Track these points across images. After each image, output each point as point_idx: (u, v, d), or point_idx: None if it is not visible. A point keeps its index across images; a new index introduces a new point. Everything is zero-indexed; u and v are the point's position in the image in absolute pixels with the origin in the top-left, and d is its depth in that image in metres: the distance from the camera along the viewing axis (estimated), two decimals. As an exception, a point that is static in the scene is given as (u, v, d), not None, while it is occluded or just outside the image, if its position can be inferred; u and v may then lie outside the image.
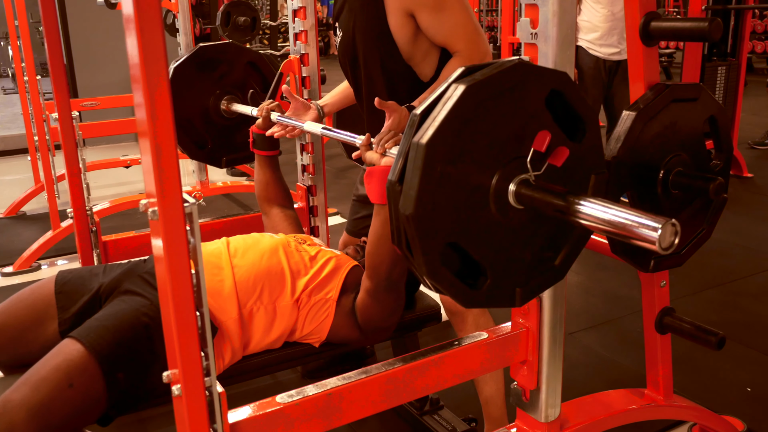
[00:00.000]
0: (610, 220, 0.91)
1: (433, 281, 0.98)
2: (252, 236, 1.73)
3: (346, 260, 1.71)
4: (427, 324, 1.93)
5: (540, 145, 0.99)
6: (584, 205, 0.94)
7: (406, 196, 0.93)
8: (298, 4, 2.18)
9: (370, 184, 1.39)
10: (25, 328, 1.54)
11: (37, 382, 1.31)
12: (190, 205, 0.94)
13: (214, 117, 2.29)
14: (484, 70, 0.96)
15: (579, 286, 3.05)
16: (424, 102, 0.97)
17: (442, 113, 0.92)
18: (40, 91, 3.77)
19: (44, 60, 2.30)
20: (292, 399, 1.17)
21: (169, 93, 0.88)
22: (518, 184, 1.00)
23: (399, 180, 0.95)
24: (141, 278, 1.58)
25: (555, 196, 0.97)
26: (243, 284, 1.56)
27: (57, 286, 1.60)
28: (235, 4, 4.31)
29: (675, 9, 10.37)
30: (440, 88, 0.96)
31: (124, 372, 1.40)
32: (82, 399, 1.34)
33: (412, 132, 0.94)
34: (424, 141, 0.92)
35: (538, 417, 1.41)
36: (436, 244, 0.96)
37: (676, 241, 0.86)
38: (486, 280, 1.03)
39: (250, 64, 2.33)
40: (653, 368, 1.69)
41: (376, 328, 1.63)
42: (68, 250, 3.47)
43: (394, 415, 2.06)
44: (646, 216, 0.87)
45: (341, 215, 3.96)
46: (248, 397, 1.18)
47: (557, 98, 1.02)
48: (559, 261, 1.11)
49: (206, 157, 2.36)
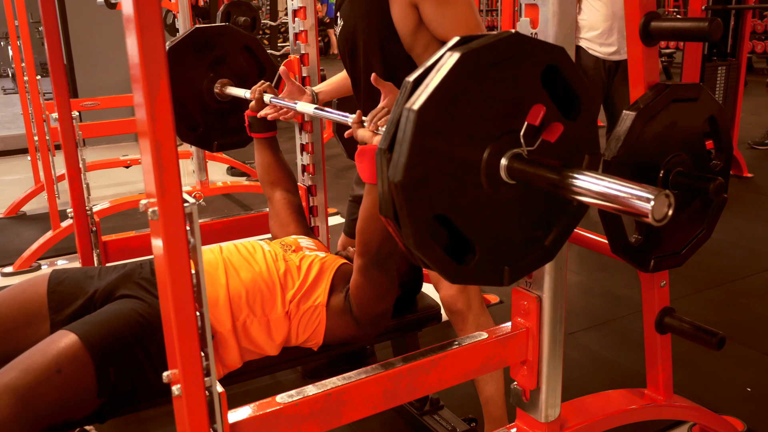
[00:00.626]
0: (603, 192, 0.88)
1: (420, 253, 0.95)
2: (245, 247, 1.72)
3: (332, 261, 1.71)
4: (427, 324, 1.93)
5: (534, 119, 0.97)
6: (578, 177, 0.91)
7: (395, 163, 0.90)
8: (298, 4, 2.18)
9: (362, 162, 1.37)
10: (15, 326, 1.53)
11: (26, 367, 1.31)
12: (190, 205, 0.94)
13: (207, 100, 2.26)
14: (480, 40, 0.93)
15: (579, 286, 3.05)
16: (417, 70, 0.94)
17: (435, 80, 0.90)
18: (40, 91, 3.77)
19: (44, 60, 2.30)
20: (292, 399, 1.17)
21: (170, 93, 0.88)
22: (510, 158, 0.97)
23: (389, 147, 0.92)
24: (137, 284, 1.58)
25: (548, 169, 0.95)
26: (236, 298, 1.56)
27: (50, 285, 1.58)
28: (235, 4, 4.32)
29: (675, 9, 10.37)
30: (434, 56, 0.94)
31: (116, 367, 1.41)
32: (69, 386, 1.34)
33: (405, 99, 0.92)
34: (416, 107, 0.89)
35: (538, 417, 1.41)
36: (424, 214, 0.93)
37: (670, 213, 0.84)
38: (474, 256, 1.00)
39: (246, 49, 2.30)
40: (653, 368, 1.69)
41: (372, 316, 1.62)
42: (68, 250, 3.47)
43: (394, 415, 2.06)
44: (639, 187, 0.85)
45: (341, 215, 3.96)
46: (248, 397, 1.18)
47: (553, 74, 1.00)
48: (549, 241, 1.08)
49: (197, 140, 2.32)
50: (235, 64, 2.29)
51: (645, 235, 1.43)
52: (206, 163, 4.03)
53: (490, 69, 0.94)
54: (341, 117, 1.57)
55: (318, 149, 2.32)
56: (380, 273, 1.56)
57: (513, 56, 0.95)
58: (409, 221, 0.92)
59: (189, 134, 2.29)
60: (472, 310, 1.81)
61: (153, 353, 1.46)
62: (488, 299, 2.71)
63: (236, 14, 4.37)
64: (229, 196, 4.62)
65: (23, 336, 1.52)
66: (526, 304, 1.37)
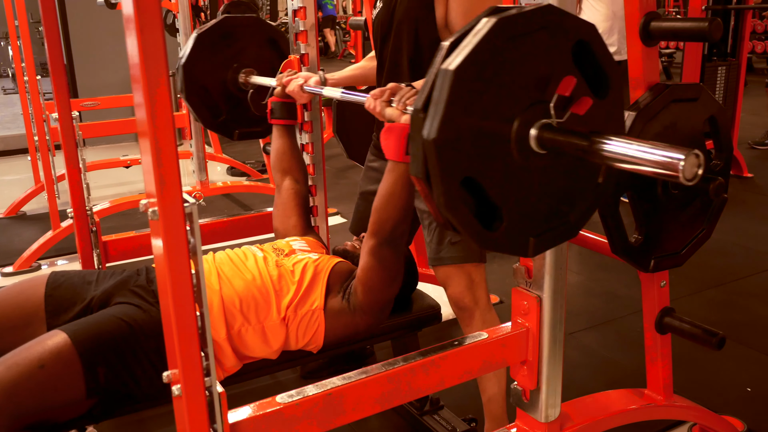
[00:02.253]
0: (633, 155, 0.91)
1: (450, 213, 0.97)
2: (237, 254, 1.72)
3: (326, 262, 1.71)
4: (427, 324, 1.93)
5: (565, 90, 0.99)
6: (607, 143, 0.94)
7: (431, 120, 0.93)
8: (298, 4, 2.18)
9: (388, 140, 1.39)
10: (11, 326, 1.54)
11: (10, 363, 1.34)
12: (190, 205, 0.94)
13: (231, 88, 2.33)
14: (514, 9, 0.97)
15: (579, 286, 3.05)
16: (453, 35, 0.97)
17: (472, 42, 0.93)
18: (40, 91, 3.77)
19: (44, 60, 2.30)
20: (292, 399, 1.17)
21: (170, 93, 0.88)
22: (540, 127, 1.00)
23: (424, 108, 0.95)
24: (132, 292, 1.58)
25: (577, 136, 0.97)
26: (230, 306, 1.56)
27: (48, 288, 1.59)
28: (235, 4, 4.31)
29: (675, 9, 10.37)
30: (470, 23, 0.97)
31: (106, 368, 1.41)
32: (53, 383, 1.35)
33: (441, 60, 0.95)
34: (452, 67, 0.92)
35: (538, 417, 1.41)
36: (455, 174, 0.96)
37: (700, 172, 0.87)
38: (501, 224, 1.02)
39: (270, 41, 2.38)
40: (653, 368, 1.69)
41: (381, 303, 1.62)
42: (68, 250, 3.47)
43: (394, 415, 2.06)
44: (669, 148, 0.88)
45: (341, 215, 3.96)
46: (248, 397, 1.18)
47: (584, 51, 1.03)
48: (574, 217, 1.10)
49: (220, 127, 2.39)
50: (260, 55, 2.35)
51: (645, 235, 1.43)
52: (206, 163, 4.03)
53: (524, 37, 0.96)
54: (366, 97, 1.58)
55: (318, 149, 2.32)
56: (393, 253, 1.56)
57: (547, 26, 0.97)
58: (440, 180, 0.94)
59: (213, 121, 2.35)
60: (479, 306, 1.82)
61: (145, 358, 1.47)
62: (488, 299, 2.71)
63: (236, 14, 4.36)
64: (229, 196, 4.61)
65: (19, 337, 1.53)
66: (526, 304, 1.37)
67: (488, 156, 0.99)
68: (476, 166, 0.98)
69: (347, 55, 12.55)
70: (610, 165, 0.99)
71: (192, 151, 3.96)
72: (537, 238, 1.07)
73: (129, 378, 1.45)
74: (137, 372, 1.46)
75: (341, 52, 13.10)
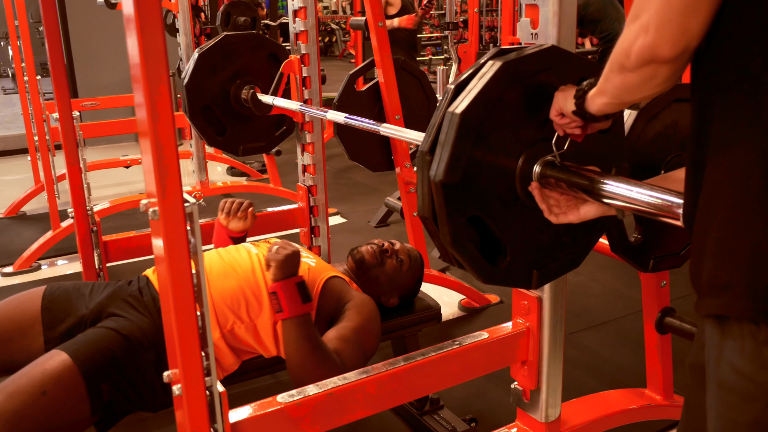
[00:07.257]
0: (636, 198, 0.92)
1: (456, 251, 1.00)
2: (230, 253, 1.71)
3: (321, 271, 1.70)
4: (427, 324, 1.93)
5: None
6: (609, 183, 0.95)
7: (437, 162, 0.95)
8: (299, 4, 2.18)
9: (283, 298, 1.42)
10: (8, 338, 1.55)
11: (12, 391, 1.33)
12: (191, 205, 0.94)
13: (233, 105, 2.36)
14: (519, 51, 0.99)
15: (579, 286, 3.05)
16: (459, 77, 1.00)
17: (478, 86, 0.95)
18: (40, 91, 3.77)
19: (44, 60, 2.30)
20: (292, 399, 1.17)
21: (170, 93, 0.88)
22: (543, 165, 1.02)
23: (430, 150, 0.97)
24: (125, 301, 1.59)
25: (579, 175, 0.99)
26: (220, 306, 1.57)
27: (44, 301, 1.60)
28: (235, 4, 4.31)
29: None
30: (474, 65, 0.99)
31: (109, 385, 1.41)
32: (56, 407, 1.34)
33: (447, 103, 0.97)
34: (458, 111, 0.94)
35: (538, 417, 1.41)
36: (461, 214, 0.98)
37: None
38: (505, 258, 1.04)
39: (271, 56, 2.41)
40: (653, 368, 1.69)
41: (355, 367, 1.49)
42: (68, 250, 3.46)
43: (394, 415, 2.06)
44: (671, 193, 0.89)
45: (341, 215, 3.96)
46: (248, 397, 1.18)
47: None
48: (577, 248, 1.12)
49: (224, 144, 2.42)
50: (262, 71, 2.39)
51: (645, 235, 1.43)
52: (206, 163, 4.03)
53: (528, 78, 0.99)
54: (372, 126, 1.63)
55: (318, 149, 2.32)
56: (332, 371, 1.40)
57: (550, 68, 1.00)
58: (447, 220, 0.97)
59: (217, 139, 2.40)
60: None
61: (145, 370, 1.47)
62: (488, 299, 2.71)
63: (236, 14, 4.36)
64: (229, 196, 4.61)
65: (16, 349, 1.55)
66: (526, 304, 1.37)
67: (493, 194, 1.01)
68: (482, 204, 1.00)
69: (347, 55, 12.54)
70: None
71: (192, 151, 3.96)
72: (540, 271, 1.10)
73: (134, 392, 1.46)
74: (140, 386, 1.46)
75: (341, 52, 13.09)
